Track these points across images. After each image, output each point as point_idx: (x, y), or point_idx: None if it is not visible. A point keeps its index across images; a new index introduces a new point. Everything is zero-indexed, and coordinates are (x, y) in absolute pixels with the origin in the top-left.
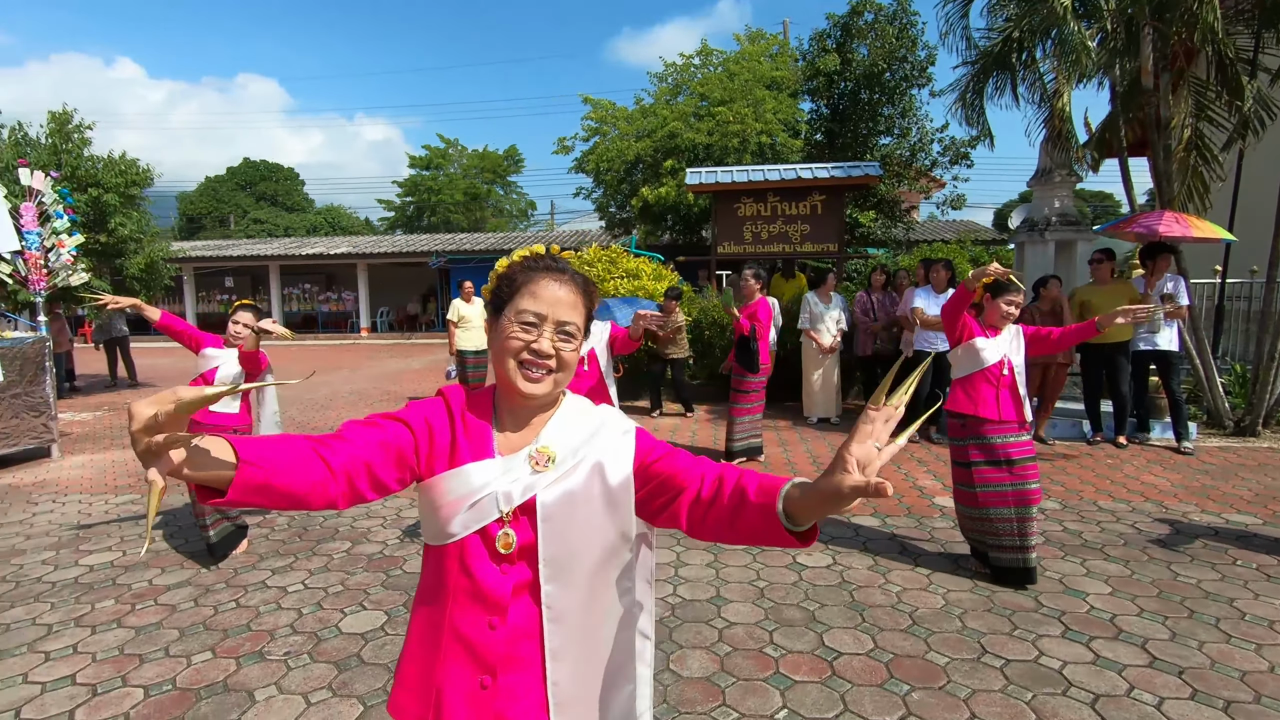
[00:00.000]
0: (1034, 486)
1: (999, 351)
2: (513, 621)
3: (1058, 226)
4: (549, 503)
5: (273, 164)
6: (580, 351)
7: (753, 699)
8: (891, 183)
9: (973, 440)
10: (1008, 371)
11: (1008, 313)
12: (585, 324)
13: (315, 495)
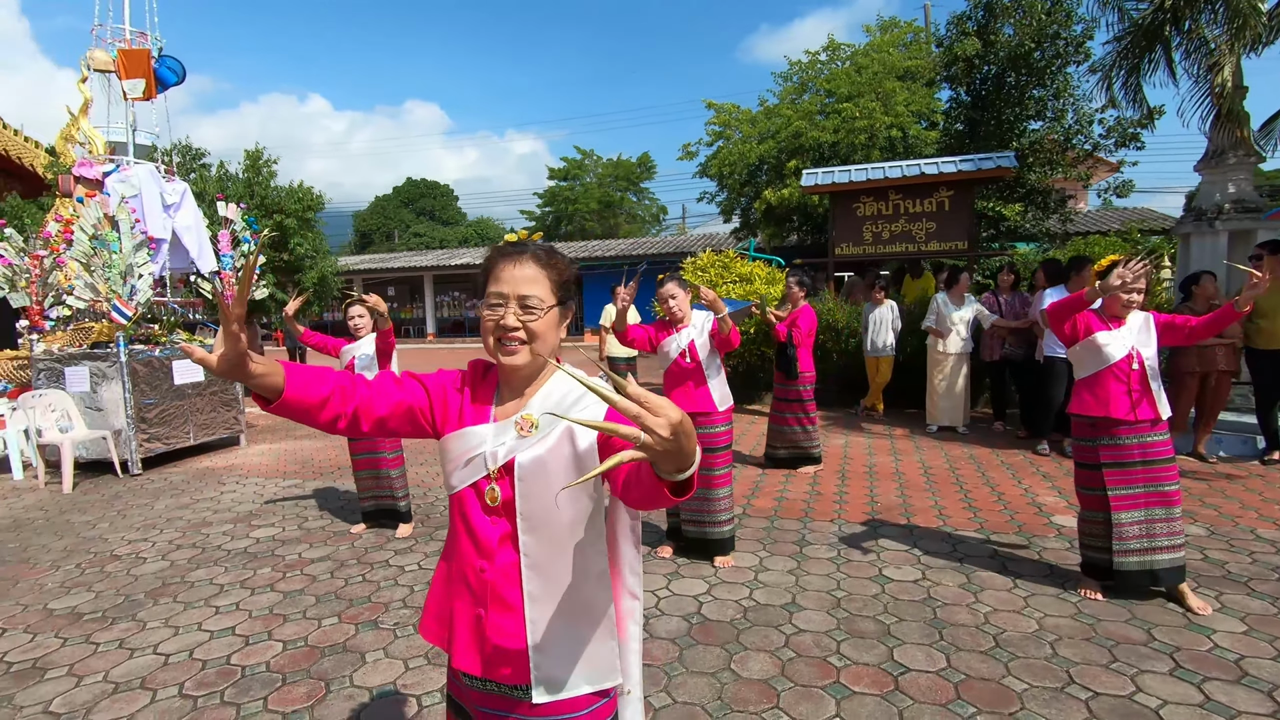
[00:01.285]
0: (1173, 488)
1: (1125, 345)
2: (499, 565)
3: (1231, 214)
4: (524, 464)
5: (430, 182)
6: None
7: (806, 705)
8: (1043, 171)
9: (1105, 441)
10: (1138, 365)
11: (1129, 301)
12: (556, 293)
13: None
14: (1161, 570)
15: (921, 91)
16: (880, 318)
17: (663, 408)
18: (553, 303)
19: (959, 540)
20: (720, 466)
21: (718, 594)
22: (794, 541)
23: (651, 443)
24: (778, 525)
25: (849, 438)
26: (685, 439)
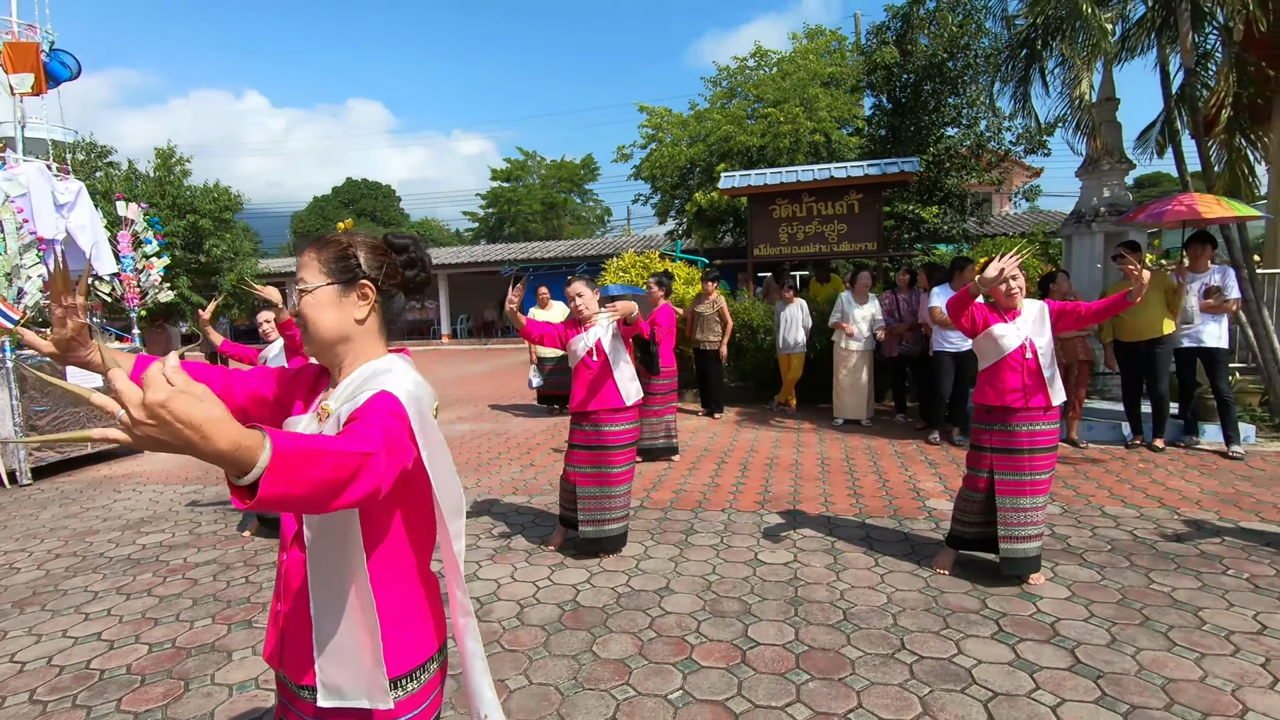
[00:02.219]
0: (1044, 477)
1: (1020, 335)
2: (291, 559)
3: (1105, 217)
4: None
5: (372, 182)
6: (322, 301)
7: (655, 680)
8: (958, 175)
9: (998, 427)
10: (1031, 355)
11: (1010, 291)
12: (330, 272)
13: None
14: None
15: (844, 98)
16: (791, 316)
17: (126, 394)
18: (321, 283)
19: (836, 525)
20: (619, 464)
21: (596, 582)
22: (681, 531)
23: (127, 425)
24: (670, 516)
25: (759, 432)
26: (166, 429)
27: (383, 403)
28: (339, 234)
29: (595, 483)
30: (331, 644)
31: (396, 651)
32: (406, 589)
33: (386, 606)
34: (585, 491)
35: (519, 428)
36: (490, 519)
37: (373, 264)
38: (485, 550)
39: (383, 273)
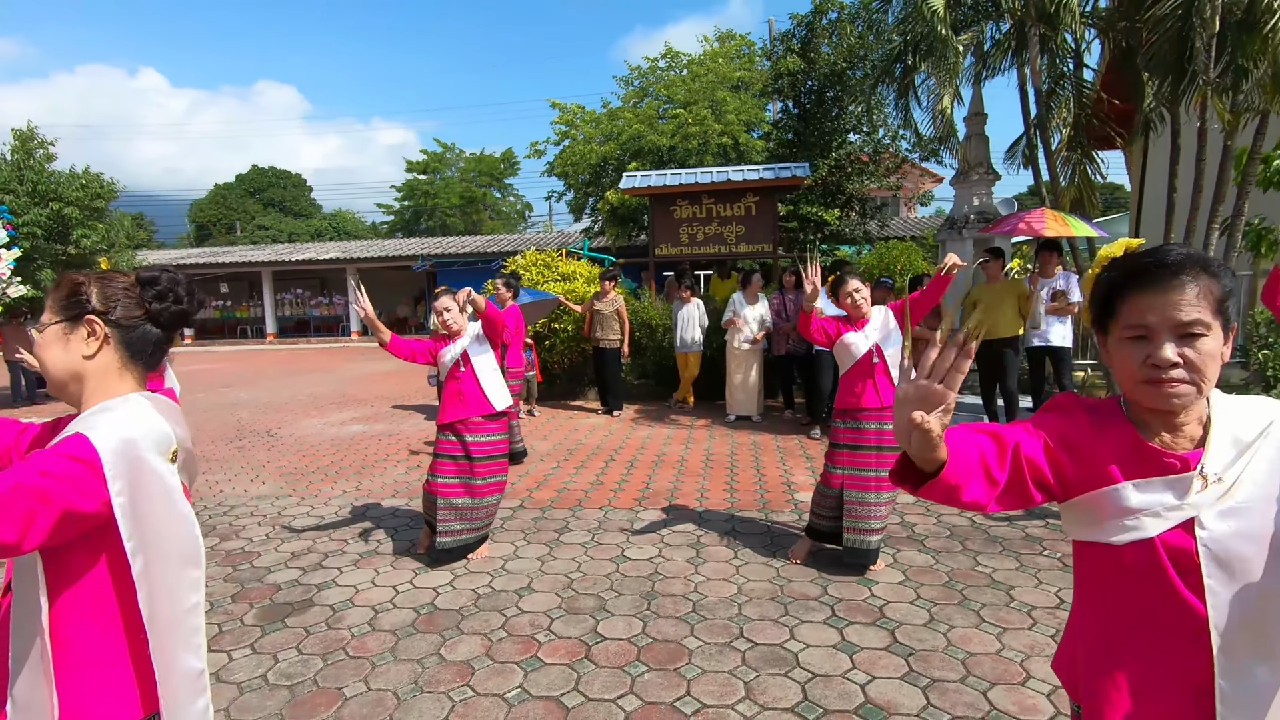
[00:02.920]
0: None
1: (868, 342)
2: (8, 601)
3: (975, 225)
4: None
5: (281, 170)
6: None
7: (496, 679)
8: (859, 180)
9: (850, 425)
10: (879, 359)
11: (856, 302)
12: (57, 314)
13: None
14: (871, 549)
15: (751, 102)
16: (688, 316)
17: None
18: (50, 321)
19: (706, 519)
20: (485, 475)
21: (459, 584)
22: (555, 530)
23: None
24: (548, 515)
25: (654, 429)
26: None
27: (68, 446)
28: (79, 273)
29: (462, 493)
30: (20, 695)
31: (79, 713)
32: (102, 645)
33: (71, 661)
34: (448, 502)
35: (413, 428)
36: (363, 523)
37: (106, 299)
38: (350, 556)
39: (118, 307)
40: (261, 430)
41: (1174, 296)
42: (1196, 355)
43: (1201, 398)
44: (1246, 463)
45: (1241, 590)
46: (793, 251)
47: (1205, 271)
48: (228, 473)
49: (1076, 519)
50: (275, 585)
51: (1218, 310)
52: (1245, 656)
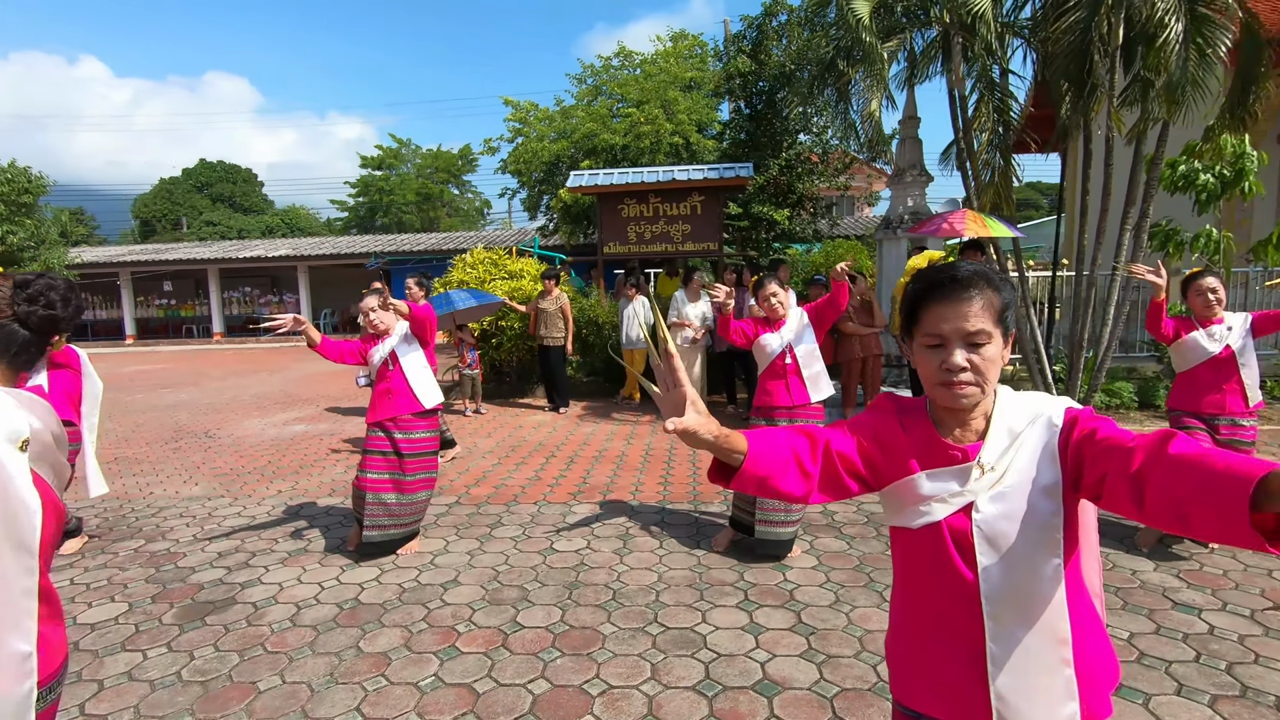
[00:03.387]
0: None
1: (782, 342)
2: None
3: (909, 224)
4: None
5: (230, 165)
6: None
7: (411, 669)
8: (808, 180)
9: (766, 423)
10: (791, 360)
11: (772, 305)
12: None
13: None
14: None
15: (703, 102)
16: (633, 313)
17: None
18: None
19: (638, 512)
20: (415, 472)
21: (386, 579)
22: (488, 525)
23: None
24: (482, 511)
25: (598, 426)
26: None
27: None
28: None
29: (391, 489)
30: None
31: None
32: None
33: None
34: (376, 498)
35: (355, 428)
36: (296, 522)
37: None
38: (279, 554)
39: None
40: (199, 432)
41: (963, 308)
42: (981, 361)
43: (986, 396)
44: (1015, 453)
45: (1006, 564)
46: (745, 250)
47: (990, 286)
48: (160, 475)
49: (887, 507)
50: (198, 585)
51: (999, 320)
52: (1011, 623)
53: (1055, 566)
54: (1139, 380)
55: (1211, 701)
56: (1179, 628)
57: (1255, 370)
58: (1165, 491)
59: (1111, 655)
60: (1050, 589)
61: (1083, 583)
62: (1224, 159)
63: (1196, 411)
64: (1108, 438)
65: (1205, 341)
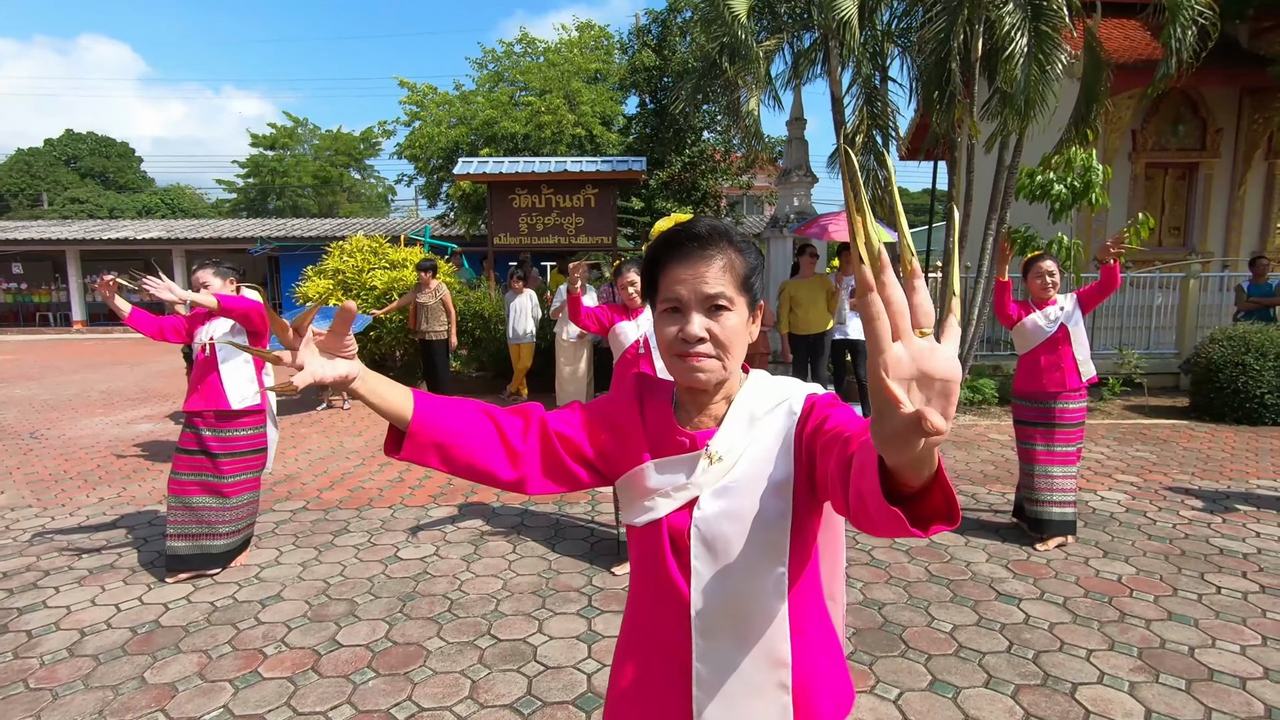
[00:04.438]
0: None
1: (638, 330)
2: None
3: (796, 224)
4: None
5: (103, 137)
6: None
7: (198, 700)
8: (711, 177)
9: None
10: (644, 349)
11: (630, 294)
12: None
13: None
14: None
15: (607, 94)
16: (520, 307)
17: None
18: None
19: (498, 514)
20: (230, 474)
21: (197, 598)
22: (332, 532)
23: None
24: (330, 517)
25: None
26: None
27: None
28: None
29: (198, 492)
30: None
31: None
32: None
33: None
34: (180, 500)
35: None
36: (109, 533)
37: None
38: (77, 573)
39: None
40: (24, 432)
41: (701, 269)
42: (721, 330)
43: (729, 375)
44: (750, 442)
45: (721, 572)
46: (642, 246)
47: (732, 246)
48: None
49: (621, 501)
50: None
51: (743, 286)
52: (722, 640)
53: (779, 577)
54: (1003, 377)
55: (1014, 692)
56: (998, 618)
57: (1085, 345)
58: (852, 484)
59: (845, 680)
60: (771, 603)
61: (819, 598)
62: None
63: (1040, 390)
64: (835, 426)
65: (1043, 322)
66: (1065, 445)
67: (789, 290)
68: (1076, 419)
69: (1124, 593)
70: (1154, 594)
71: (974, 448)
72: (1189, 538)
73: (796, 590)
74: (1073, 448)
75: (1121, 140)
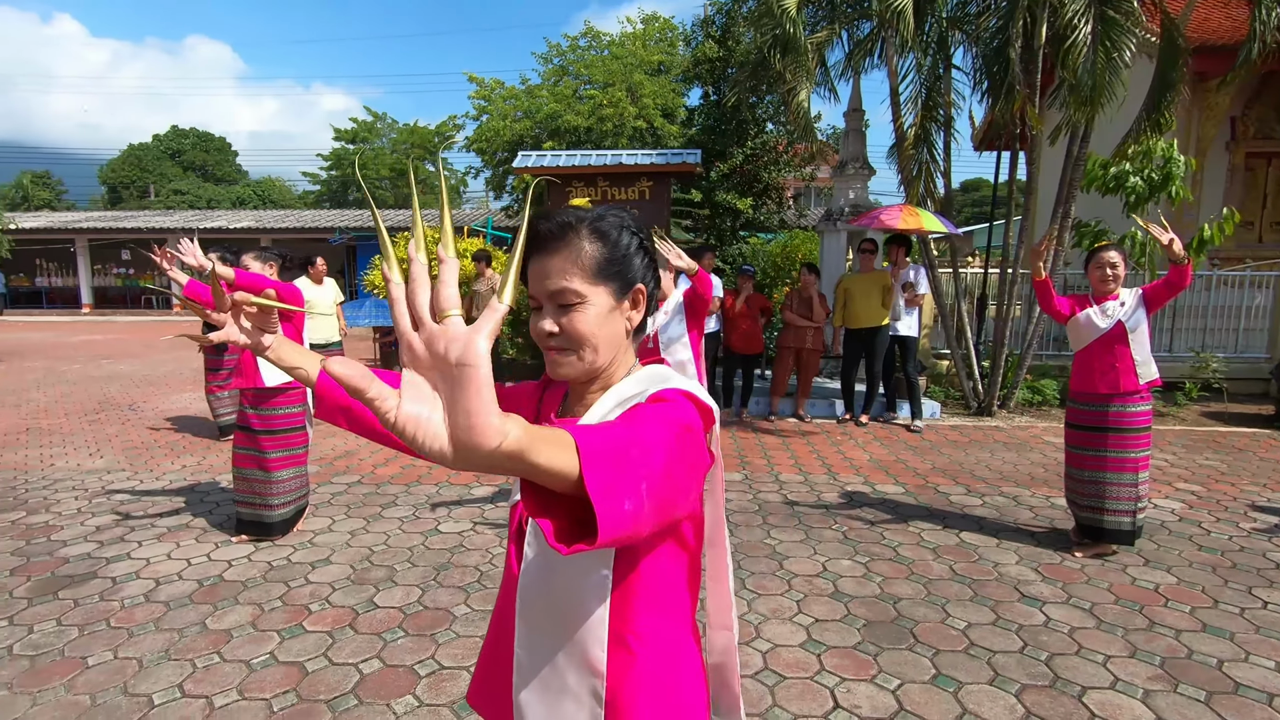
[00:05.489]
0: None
1: (652, 324)
2: None
3: (850, 216)
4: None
5: (203, 133)
6: None
7: (249, 646)
8: (774, 169)
9: None
10: (653, 344)
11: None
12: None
13: None
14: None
15: (669, 86)
16: None
17: None
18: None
19: None
20: (274, 449)
21: (257, 558)
22: (381, 505)
23: None
24: (381, 491)
25: None
26: None
27: None
28: None
29: (251, 465)
30: None
31: None
32: None
33: None
34: (239, 472)
35: None
36: (188, 498)
37: None
38: (158, 530)
39: None
40: (124, 404)
41: (546, 265)
42: (570, 325)
43: (591, 367)
44: None
45: (547, 563)
46: (704, 237)
47: (579, 236)
48: (68, 447)
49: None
50: (64, 559)
51: (599, 276)
52: (541, 631)
53: (601, 580)
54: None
55: (1019, 691)
56: (1017, 619)
57: (1145, 345)
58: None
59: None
60: (590, 605)
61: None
62: (1152, 162)
63: (1093, 392)
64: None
65: (1097, 318)
66: (1120, 451)
67: (844, 284)
68: (1135, 424)
69: (1158, 602)
70: (1191, 605)
71: (1026, 449)
72: (1243, 550)
73: (623, 599)
74: (1132, 454)
75: (1218, 128)
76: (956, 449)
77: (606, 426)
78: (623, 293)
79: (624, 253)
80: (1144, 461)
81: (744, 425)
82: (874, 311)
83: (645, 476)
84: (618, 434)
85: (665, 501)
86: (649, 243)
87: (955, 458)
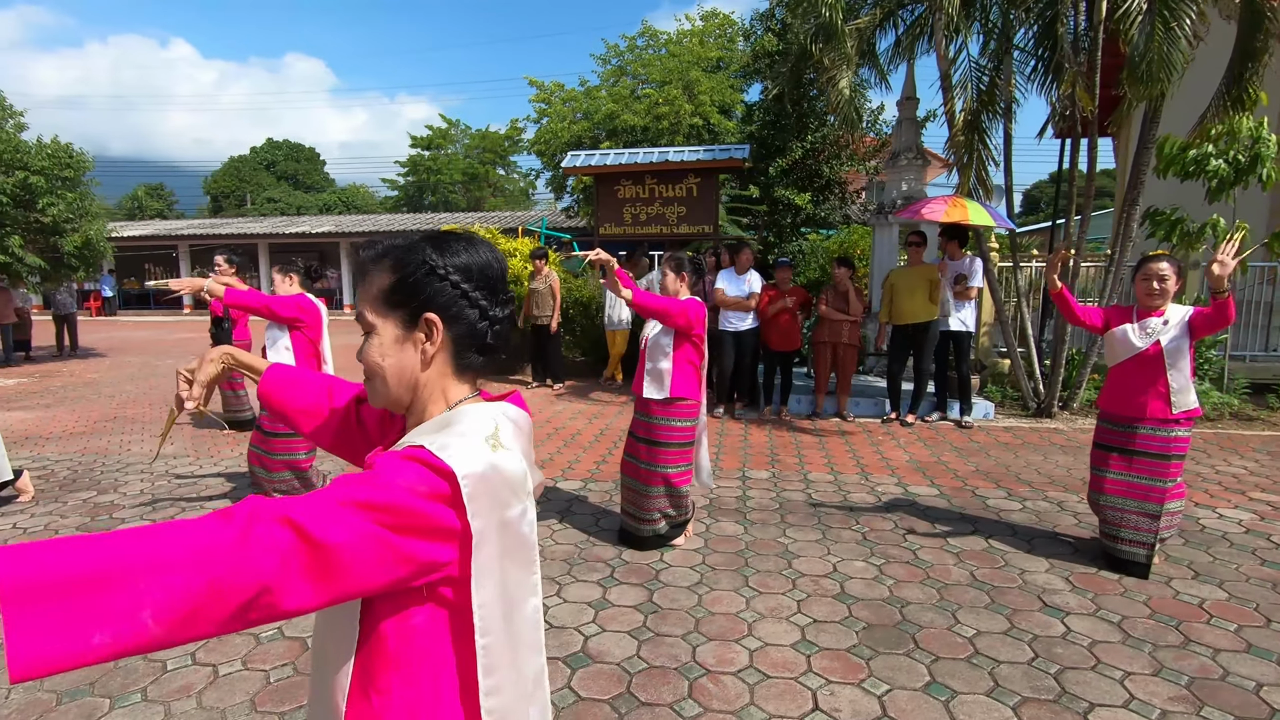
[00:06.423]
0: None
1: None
2: None
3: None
4: None
5: (294, 144)
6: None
7: None
8: (835, 163)
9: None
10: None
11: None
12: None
13: None
14: (660, 535)
15: (727, 83)
16: None
17: None
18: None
19: (555, 492)
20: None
21: None
22: None
23: None
24: None
25: (570, 404)
26: None
27: None
28: None
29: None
30: None
31: None
32: None
33: None
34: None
35: None
36: (233, 484)
37: None
38: (208, 508)
39: None
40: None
41: (359, 292)
42: (362, 354)
43: (384, 396)
44: None
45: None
46: (761, 234)
47: (374, 263)
48: (146, 434)
49: None
50: None
51: (385, 303)
52: (314, 665)
53: (349, 631)
54: None
55: (1018, 704)
56: (1032, 629)
57: (1185, 373)
58: None
59: None
60: (339, 653)
61: (420, 677)
62: (1238, 142)
63: (1119, 414)
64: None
65: (1133, 335)
66: (1145, 478)
67: (890, 278)
68: (1164, 450)
69: (1200, 618)
70: (1239, 623)
71: (1084, 453)
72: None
73: (370, 656)
74: (1159, 483)
75: None
76: (1006, 451)
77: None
78: (411, 322)
79: (413, 280)
80: (1173, 492)
81: (781, 424)
82: (920, 306)
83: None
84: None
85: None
86: (456, 273)
87: (1003, 460)
